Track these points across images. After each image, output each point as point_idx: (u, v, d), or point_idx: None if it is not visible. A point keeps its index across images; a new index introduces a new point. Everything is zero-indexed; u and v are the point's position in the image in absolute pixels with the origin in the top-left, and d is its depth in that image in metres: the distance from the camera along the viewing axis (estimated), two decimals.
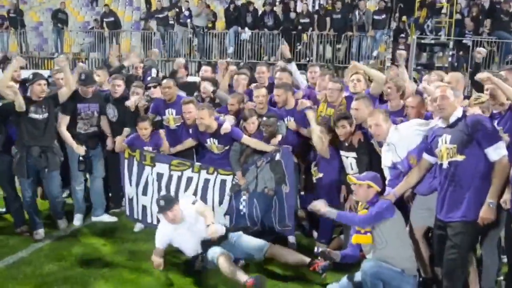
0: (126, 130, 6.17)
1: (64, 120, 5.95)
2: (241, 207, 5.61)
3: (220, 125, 5.54)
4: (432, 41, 14.63)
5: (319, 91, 6.22)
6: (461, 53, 14.49)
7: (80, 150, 5.93)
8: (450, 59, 14.23)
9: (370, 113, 4.66)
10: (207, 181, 5.68)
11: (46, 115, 5.63)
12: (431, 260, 4.45)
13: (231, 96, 6.15)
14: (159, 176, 5.79)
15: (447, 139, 3.87)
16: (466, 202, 3.82)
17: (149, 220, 5.92)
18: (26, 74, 6.53)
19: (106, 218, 6.40)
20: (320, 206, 4.40)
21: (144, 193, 5.88)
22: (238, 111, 5.97)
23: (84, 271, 4.97)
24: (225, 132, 5.51)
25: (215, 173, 5.65)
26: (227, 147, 5.67)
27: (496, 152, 3.72)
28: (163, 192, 5.70)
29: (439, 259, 4.12)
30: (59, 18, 18.21)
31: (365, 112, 4.89)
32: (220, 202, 5.65)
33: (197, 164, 5.75)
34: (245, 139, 5.55)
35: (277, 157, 5.42)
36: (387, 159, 4.57)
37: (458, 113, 3.90)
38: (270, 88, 6.22)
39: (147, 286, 4.72)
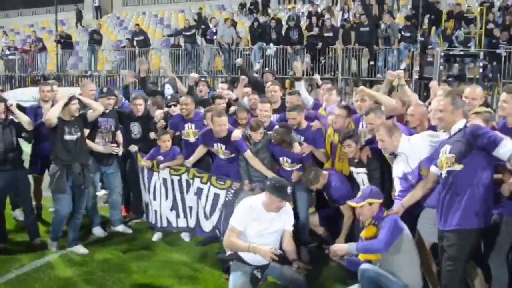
0: (133, 147, 6.50)
1: (85, 133, 6.11)
2: None
3: (230, 132, 5.79)
4: (461, 52, 14.49)
5: (326, 106, 6.46)
6: (494, 63, 14.28)
7: (113, 149, 6.31)
8: (481, 70, 14.02)
9: (376, 128, 4.72)
10: (200, 190, 5.91)
11: (79, 134, 5.80)
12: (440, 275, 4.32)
13: (240, 111, 6.41)
14: (164, 181, 6.12)
15: (447, 149, 3.91)
16: (461, 211, 3.80)
17: (159, 225, 6.23)
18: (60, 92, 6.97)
19: (123, 228, 6.62)
20: (339, 251, 4.32)
21: (154, 198, 6.20)
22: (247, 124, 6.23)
23: (104, 275, 5.24)
24: (235, 139, 5.74)
25: (209, 183, 5.85)
26: (233, 155, 5.89)
27: (506, 149, 3.66)
28: (170, 197, 6.05)
29: None
30: (95, 39, 18.95)
31: (378, 123, 4.89)
32: (211, 215, 5.87)
33: (193, 169, 5.97)
34: (248, 154, 5.74)
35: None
36: (398, 170, 4.61)
37: (460, 125, 3.91)
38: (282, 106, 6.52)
39: None
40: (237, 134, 5.77)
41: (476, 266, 4.25)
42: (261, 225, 4.39)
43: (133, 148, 6.47)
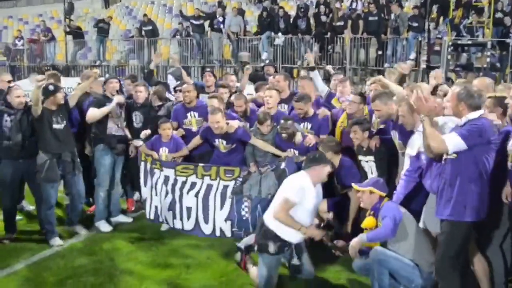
0: (137, 141, 6.45)
1: (91, 110, 6.23)
2: (243, 212, 5.69)
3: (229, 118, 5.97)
4: (469, 42, 14.39)
5: (340, 96, 6.47)
6: (504, 53, 14.17)
7: (119, 100, 6.35)
8: (489, 59, 13.93)
9: (399, 103, 4.73)
10: (210, 186, 5.85)
11: (65, 122, 5.92)
12: None
13: (236, 98, 6.49)
14: (166, 178, 6.06)
15: None
16: (453, 202, 3.85)
17: (160, 219, 6.20)
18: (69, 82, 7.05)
19: (122, 218, 6.70)
20: (356, 245, 4.32)
21: (156, 193, 6.17)
22: (245, 110, 6.42)
23: (112, 264, 5.34)
24: (232, 128, 5.87)
25: (218, 178, 5.81)
26: (233, 146, 6.02)
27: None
28: (169, 196, 6.00)
29: None
30: (100, 27, 18.97)
31: (384, 109, 5.01)
32: (221, 207, 5.78)
33: (201, 168, 5.91)
34: (253, 140, 5.89)
35: (282, 165, 5.54)
36: (413, 148, 4.58)
37: (470, 116, 3.84)
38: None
39: (167, 280, 4.98)
40: (233, 123, 5.89)
41: (481, 256, 4.27)
42: (309, 201, 4.55)
43: (138, 143, 6.40)
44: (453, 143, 3.74)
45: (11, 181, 5.86)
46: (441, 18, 16.37)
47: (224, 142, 6.03)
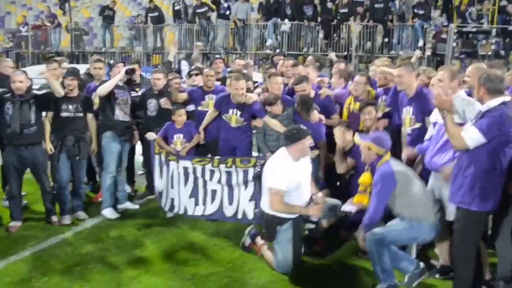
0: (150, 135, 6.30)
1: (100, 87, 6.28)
2: None
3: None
4: (474, 29, 14.31)
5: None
6: (507, 40, 14.10)
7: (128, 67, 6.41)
8: (493, 47, 13.86)
9: (440, 68, 4.78)
10: (229, 173, 5.77)
11: (78, 113, 6.13)
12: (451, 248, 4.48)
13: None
14: (185, 169, 5.99)
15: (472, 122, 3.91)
16: (463, 190, 3.87)
17: (175, 210, 6.16)
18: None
19: (129, 205, 6.73)
20: (360, 236, 4.42)
21: (172, 186, 6.11)
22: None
23: (119, 251, 5.36)
24: (250, 99, 5.91)
25: (233, 166, 5.73)
26: (245, 123, 6.05)
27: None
28: (190, 184, 5.96)
29: None
30: (106, 15, 18.90)
31: (406, 78, 5.11)
32: (245, 187, 5.73)
33: (216, 159, 5.87)
34: (267, 118, 5.88)
35: None
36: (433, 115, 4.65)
37: (491, 104, 3.78)
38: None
39: (174, 267, 5.00)
40: (252, 95, 5.94)
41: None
42: (296, 178, 4.65)
43: (151, 136, 6.21)
44: (473, 138, 3.73)
45: (16, 168, 5.88)
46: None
47: (238, 113, 6.05)
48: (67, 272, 4.89)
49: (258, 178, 5.64)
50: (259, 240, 5.14)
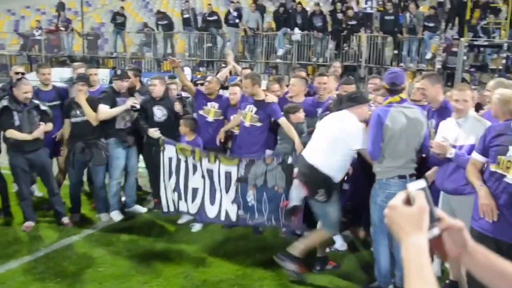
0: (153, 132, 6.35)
1: (102, 108, 6.23)
2: (248, 199, 5.58)
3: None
4: (485, 43, 14.36)
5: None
6: None
7: (133, 102, 6.37)
8: (504, 61, 13.90)
9: (460, 88, 4.41)
10: (210, 171, 5.64)
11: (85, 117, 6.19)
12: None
13: (232, 85, 6.61)
14: (170, 160, 5.85)
15: None
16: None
17: (171, 210, 5.99)
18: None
19: (137, 208, 6.82)
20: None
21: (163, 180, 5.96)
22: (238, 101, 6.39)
23: (130, 255, 5.42)
24: (270, 98, 5.90)
25: (217, 161, 5.59)
26: (259, 124, 5.94)
27: None
28: (173, 177, 5.83)
29: None
30: (118, 21, 19.16)
31: (430, 90, 4.91)
32: (227, 191, 5.61)
33: (198, 150, 5.73)
34: (283, 120, 5.75)
35: (289, 160, 5.44)
36: (460, 138, 4.26)
37: None
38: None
39: (185, 273, 5.04)
40: (271, 97, 5.96)
41: None
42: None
43: (154, 133, 6.24)
44: None
45: (24, 171, 5.99)
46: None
47: (254, 110, 5.98)
48: (79, 274, 4.96)
49: (241, 181, 5.56)
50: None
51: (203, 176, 5.70)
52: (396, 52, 15.30)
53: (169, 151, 5.85)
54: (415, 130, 4.39)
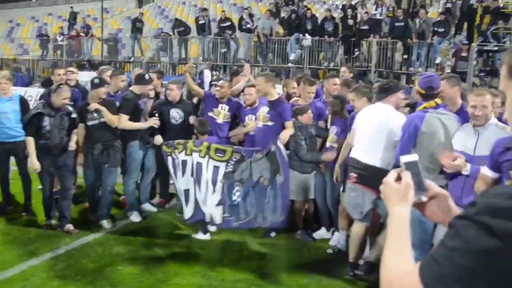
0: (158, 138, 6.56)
1: (124, 118, 6.40)
2: (234, 197, 5.61)
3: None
4: (495, 48, 14.51)
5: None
6: None
7: (154, 122, 6.57)
8: None
9: (478, 93, 4.08)
10: (199, 164, 5.69)
11: (103, 119, 6.31)
12: None
13: (248, 86, 6.72)
14: (165, 157, 6.03)
15: None
16: None
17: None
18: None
19: (148, 207, 7.05)
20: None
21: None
22: (254, 101, 6.49)
23: (147, 254, 5.57)
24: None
25: (207, 156, 5.65)
26: (270, 123, 6.04)
27: None
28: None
29: None
30: (137, 27, 19.76)
31: (448, 92, 4.64)
32: (213, 190, 5.66)
33: (190, 144, 5.81)
34: (290, 124, 5.91)
35: (272, 148, 5.50)
36: (481, 147, 3.95)
37: None
38: None
39: (202, 272, 5.14)
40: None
41: None
42: None
43: (158, 140, 6.48)
44: None
45: (49, 173, 6.19)
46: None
47: (266, 110, 6.08)
48: (99, 272, 5.08)
49: (227, 179, 5.62)
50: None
51: (192, 174, 5.74)
52: (405, 57, 15.50)
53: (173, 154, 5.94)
54: (449, 138, 4.19)
